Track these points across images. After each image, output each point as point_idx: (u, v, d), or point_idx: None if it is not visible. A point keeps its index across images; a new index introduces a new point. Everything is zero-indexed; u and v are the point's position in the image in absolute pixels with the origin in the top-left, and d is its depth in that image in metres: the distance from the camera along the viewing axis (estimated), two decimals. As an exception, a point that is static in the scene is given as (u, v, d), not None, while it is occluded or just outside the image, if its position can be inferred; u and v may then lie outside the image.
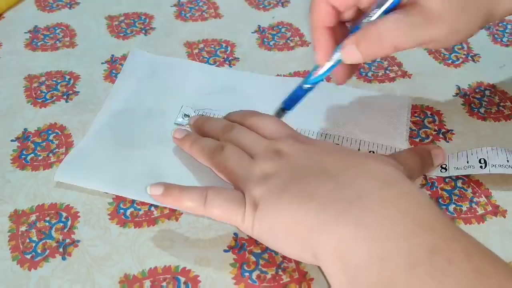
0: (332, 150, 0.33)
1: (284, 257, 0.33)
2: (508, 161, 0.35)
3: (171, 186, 0.33)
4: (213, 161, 0.35)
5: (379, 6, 0.33)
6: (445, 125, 0.42)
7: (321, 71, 0.36)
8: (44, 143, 0.40)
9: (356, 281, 0.25)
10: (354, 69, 0.39)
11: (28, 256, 0.33)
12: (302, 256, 0.29)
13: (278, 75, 0.47)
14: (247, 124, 0.37)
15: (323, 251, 0.27)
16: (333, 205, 0.27)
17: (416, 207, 0.26)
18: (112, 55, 0.49)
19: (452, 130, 0.41)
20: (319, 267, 0.28)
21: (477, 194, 0.36)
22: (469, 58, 0.48)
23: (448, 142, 0.40)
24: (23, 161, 0.39)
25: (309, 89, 0.37)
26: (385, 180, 0.28)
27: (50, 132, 0.41)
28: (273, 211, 0.29)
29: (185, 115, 0.42)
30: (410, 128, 0.41)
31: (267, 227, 0.30)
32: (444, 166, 0.37)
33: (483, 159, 0.36)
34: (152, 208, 0.36)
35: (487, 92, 0.45)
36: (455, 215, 0.35)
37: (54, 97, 0.45)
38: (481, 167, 0.36)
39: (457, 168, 0.36)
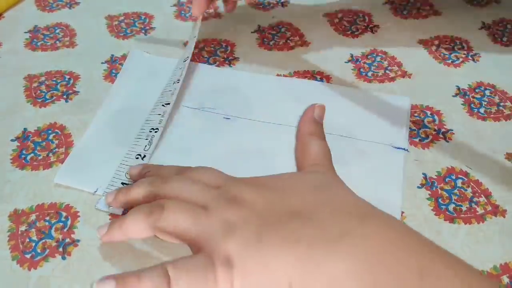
0: (288, 187, 0.31)
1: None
2: None
3: (124, 276, 0.27)
4: (156, 225, 0.29)
5: None
6: (445, 125, 0.42)
7: None
8: (44, 143, 0.40)
9: None
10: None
11: (28, 256, 0.33)
12: None
13: (278, 75, 0.47)
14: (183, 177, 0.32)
15: None
16: (320, 246, 0.27)
17: (397, 235, 0.27)
18: (112, 55, 0.49)
19: (452, 130, 0.41)
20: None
21: (477, 194, 0.36)
22: (469, 58, 0.48)
23: (448, 142, 0.40)
24: (23, 160, 0.39)
25: None
26: (362, 214, 0.28)
27: (50, 131, 0.41)
28: (255, 264, 0.27)
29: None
30: (410, 128, 0.41)
31: (252, 282, 0.27)
32: None
33: None
34: (152, 208, 0.36)
35: (487, 92, 0.45)
36: (455, 215, 0.35)
37: (54, 97, 0.45)
38: None
39: None
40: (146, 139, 0.39)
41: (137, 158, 0.38)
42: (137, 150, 0.38)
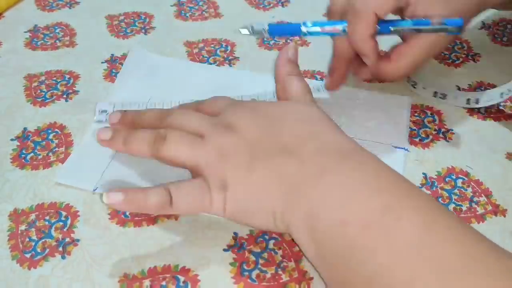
0: (278, 117, 0.33)
1: (283, 256, 0.33)
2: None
3: (132, 190, 0.31)
4: (158, 154, 0.33)
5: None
6: (445, 125, 0.42)
7: (326, 29, 0.38)
8: (44, 142, 0.40)
9: (323, 247, 0.28)
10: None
11: (28, 255, 0.33)
12: (273, 228, 0.31)
13: (278, 74, 0.46)
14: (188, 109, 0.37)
15: (294, 224, 0.29)
16: (302, 182, 0.29)
17: (371, 175, 0.29)
18: (112, 55, 0.49)
19: (452, 130, 0.41)
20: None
21: (477, 194, 0.36)
22: (469, 58, 0.48)
23: (448, 141, 0.40)
24: (23, 160, 0.39)
25: (303, 34, 0.39)
26: (342, 153, 0.30)
27: (50, 131, 0.41)
28: (244, 191, 0.31)
29: (102, 111, 0.38)
30: (410, 128, 0.41)
31: (241, 206, 0.31)
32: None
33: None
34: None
35: (487, 92, 0.45)
36: (455, 214, 0.35)
37: (54, 96, 0.45)
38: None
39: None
40: None
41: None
42: None
